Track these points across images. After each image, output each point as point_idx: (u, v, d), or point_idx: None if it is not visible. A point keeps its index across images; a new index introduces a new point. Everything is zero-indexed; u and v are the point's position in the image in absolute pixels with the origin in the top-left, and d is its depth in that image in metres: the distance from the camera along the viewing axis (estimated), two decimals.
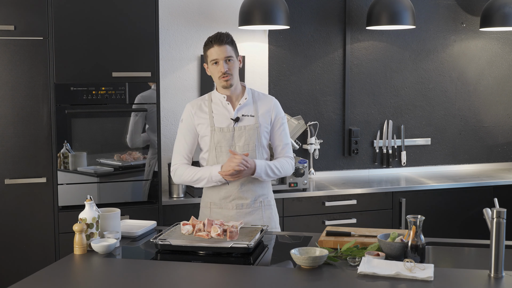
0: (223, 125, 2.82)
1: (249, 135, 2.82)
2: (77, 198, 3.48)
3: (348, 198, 4.04)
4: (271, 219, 2.91)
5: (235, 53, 2.81)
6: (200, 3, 4.22)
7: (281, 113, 2.93)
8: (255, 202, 2.86)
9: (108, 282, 2.17)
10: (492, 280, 2.08)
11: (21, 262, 3.47)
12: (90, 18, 3.46)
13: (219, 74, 2.77)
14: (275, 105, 2.92)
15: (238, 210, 2.84)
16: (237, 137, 2.82)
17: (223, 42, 2.75)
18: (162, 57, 4.11)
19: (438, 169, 4.83)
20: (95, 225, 2.46)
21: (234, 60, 2.79)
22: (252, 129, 2.83)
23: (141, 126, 3.60)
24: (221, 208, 2.86)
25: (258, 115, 2.85)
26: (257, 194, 2.86)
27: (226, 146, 2.81)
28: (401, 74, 4.72)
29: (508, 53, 4.92)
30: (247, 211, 2.85)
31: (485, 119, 4.93)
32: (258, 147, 2.84)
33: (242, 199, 2.84)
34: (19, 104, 3.41)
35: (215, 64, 2.78)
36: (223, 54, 2.74)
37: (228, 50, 2.76)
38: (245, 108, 2.85)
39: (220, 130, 2.81)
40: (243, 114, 2.84)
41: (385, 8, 4.19)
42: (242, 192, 2.83)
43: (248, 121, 2.84)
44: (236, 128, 2.82)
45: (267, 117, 2.87)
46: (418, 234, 2.23)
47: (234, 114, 2.83)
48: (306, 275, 2.16)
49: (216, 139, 2.82)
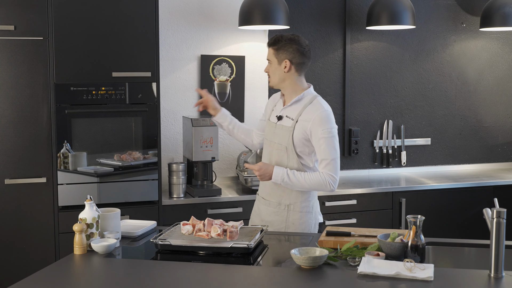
0: (272, 120, 2.98)
1: (283, 136, 2.88)
2: (77, 198, 3.48)
3: (348, 198, 4.04)
4: (295, 225, 2.89)
5: (277, 56, 2.87)
6: (200, 3, 4.22)
7: (321, 126, 2.78)
8: (280, 205, 2.91)
9: (108, 282, 2.17)
10: (492, 280, 2.08)
11: (21, 262, 3.47)
12: (90, 18, 3.46)
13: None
14: (316, 117, 2.79)
15: (267, 206, 2.96)
16: (276, 134, 2.92)
17: (268, 44, 2.91)
18: (162, 57, 4.11)
19: (438, 169, 4.83)
20: (95, 225, 2.46)
21: (272, 64, 2.89)
22: (286, 131, 2.87)
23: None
24: (259, 200, 3.04)
25: (297, 120, 2.85)
26: (283, 197, 2.91)
27: (268, 139, 2.97)
28: (401, 74, 4.72)
29: (508, 53, 4.92)
30: (273, 211, 2.94)
31: (485, 119, 4.93)
32: (289, 151, 2.85)
33: (270, 197, 2.95)
34: (19, 104, 3.41)
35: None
36: (267, 55, 2.93)
37: (269, 53, 2.91)
38: (290, 109, 2.90)
39: (269, 123, 2.99)
40: (287, 115, 2.91)
41: (385, 8, 4.19)
42: (272, 190, 2.94)
43: (287, 122, 2.89)
44: (277, 126, 2.92)
45: (305, 126, 2.81)
46: (418, 234, 2.23)
47: (279, 112, 2.95)
48: (306, 275, 2.16)
49: (266, 130, 3.01)
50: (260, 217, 2.98)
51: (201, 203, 3.77)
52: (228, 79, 4.28)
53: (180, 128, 4.21)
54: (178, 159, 4.18)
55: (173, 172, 3.79)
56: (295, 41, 2.86)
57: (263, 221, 2.93)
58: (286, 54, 2.85)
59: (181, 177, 3.80)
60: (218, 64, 4.25)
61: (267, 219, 2.93)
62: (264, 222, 2.92)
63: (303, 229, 2.90)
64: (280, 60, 2.86)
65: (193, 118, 3.83)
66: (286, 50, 2.85)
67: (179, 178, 3.79)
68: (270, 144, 2.94)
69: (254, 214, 3.07)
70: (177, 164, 3.80)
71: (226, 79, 4.27)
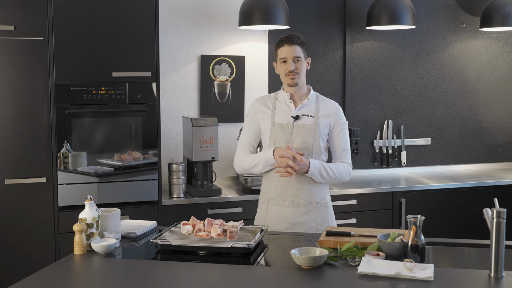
0: (283, 121, 2.92)
1: (307, 134, 2.88)
2: (77, 198, 3.48)
3: (348, 198, 4.04)
4: (325, 220, 2.95)
5: (304, 54, 2.91)
6: (200, 3, 4.22)
7: (342, 119, 2.97)
8: (311, 203, 2.91)
9: (108, 282, 2.17)
10: (492, 280, 2.08)
11: (21, 262, 3.47)
12: (90, 18, 3.46)
13: (286, 72, 2.88)
14: (337, 110, 2.97)
15: (294, 208, 2.91)
16: (295, 134, 2.89)
17: (294, 42, 2.86)
18: (162, 57, 4.11)
19: (438, 169, 4.83)
20: (95, 225, 2.46)
21: (302, 61, 2.89)
22: (310, 129, 2.89)
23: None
24: (278, 205, 2.94)
25: (318, 116, 2.91)
26: (313, 194, 2.91)
27: (284, 142, 2.89)
28: (401, 74, 4.72)
29: (508, 53, 4.92)
30: (303, 211, 2.91)
31: (485, 119, 4.93)
32: (315, 147, 2.89)
33: (298, 198, 2.90)
34: (19, 104, 3.41)
35: (283, 63, 2.89)
36: (292, 53, 2.86)
37: (298, 50, 2.87)
38: (307, 108, 2.93)
39: (280, 126, 2.92)
40: (304, 114, 2.92)
41: (385, 8, 4.19)
42: (298, 190, 2.90)
43: (307, 120, 2.91)
44: (295, 126, 2.90)
45: (327, 120, 2.93)
46: (418, 234, 2.23)
47: (295, 112, 2.92)
48: (306, 275, 2.16)
49: (275, 134, 2.92)
50: (287, 220, 2.91)
51: (201, 203, 3.77)
52: (228, 79, 4.28)
53: (180, 128, 4.21)
54: (178, 159, 4.18)
55: (173, 172, 3.79)
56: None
57: (291, 224, 2.91)
58: (307, 52, 2.96)
59: (181, 177, 3.80)
60: (218, 64, 4.25)
61: (296, 221, 2.91)
62: (292, 225, 2.90)
63: (332, 223, 2.99)
64: (305, 58, 2.93)
65: (193, 118, 3.83)
66: (306, 49, 2.94)
67: (179, 178, 3.79)
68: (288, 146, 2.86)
69: (274, 220, 2.93)
70: (177, 164, 3.80)
71: (226, 79, 4.27)
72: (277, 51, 2.93)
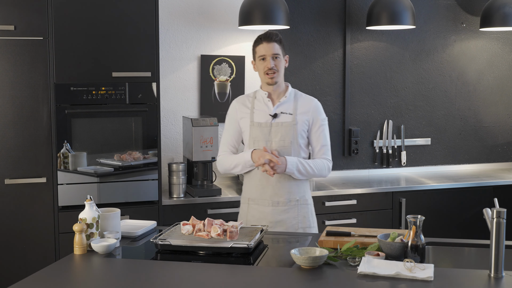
0: (261, 120, 2.93)
1: (286, 132, 2.89)
2: (77, 198, 3.48)
3: (348, 198, 4.04)
4: (306, 218, 2.95)
5: (282, 52, 2.93)
6: (200, 3, 4.22)
7: (321, 114, 2.98)
8: (291, 201, 2.91)
9: (108, 282, 2.17)
10: (492, 280, 2.08)
11: (21, 262, 3.47)
12: (90, 18, 3.46)
13: (265, 70, 2.89)
14: (315, 106, 2.98)
15: (274, 207, 2.92)
16: (274, 132, 2.90)
17: (272, 39, 2.88)
18: (162, 57, 4.11)
19: (438, 169, 4.83)
20: (95, 225, 2.46)
21: (281, 59, 2.91)
22: (288, 126, 2.90)
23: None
24: (258, 204, 2.95)
25: (296, 113, 2.92)
26: (292, 192, 2.92)
27: (263, 141, 2.90)
28: (401, 74, 4.72)
29: (508, 53, 4.92)
30: (283, 209, 2.92)
31: (485, 119, 4.93)
32: (294, 144, 2.90)
33: (277, 196, 2.91)
34: (19, 104, 3.41)
35: (262, 60, 2.90)
36: (270, 51, 2.87)
37: (276, 47, 2.89)
38: (285, 105, 2.94)
39: (259, 125, 2.92)
40: (282, 112, 2.93)
41: (385, 8, 4.19)
42: (278, 189, 2.91)
43: (285, 118, 2.91)
44: (273, 124, 2.91)
45: (305, 117, 2.94)
46: (418, 234, 2.23)
47: (273, 111, 2.92)
48: (306, 275, 2.16)
49: (254, 133, 2.93)
50: (268, 219, 2.92)
51: (201, 203, 3.77)
52: (228, 79, 4.28)
53: (180, 128, 4.21)
54: (178, 159, 4.18)
55: (173, 172, 3.79)
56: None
57: (271, 223, 2.91)
58: (285, 50, 2.98)
59: (181, 177, 3.80)
60: (218, 64, 4.25)
61: (276, 219, 2.92)
62: (273, 224, 2.91)
63: (312, 221, 2.98)
64: (283, 56, 2.95)
65: (193, 118, 3.83)
66: (284, 46, 2.96)
67: (179, 178, 3.79)
68: (267, 144, 2.91)
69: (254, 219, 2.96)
70: (177, 164, 3.80)
71: (226, 79, 4.27)
72: (255, 49, 2.93)
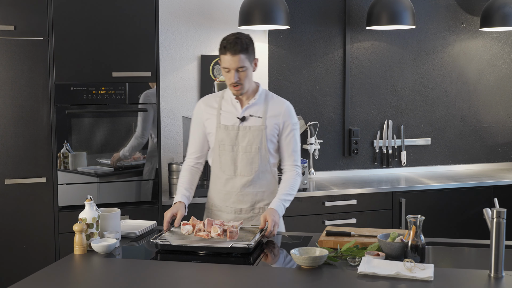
0: (228, 123, 2.75)
1: (253, 136, 2.73)
2: (77, 198, 3.48)
3: (348, 198, 4.04)
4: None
5: (249, 59, 2.68)
6: (200, 3, 4.22)
7: (292, 119, 2.79)
8: (254, 209, 2.81)
9: (108, 282, 2.17)
10: (492, 280, 2.08)
11: (21, 262, 3.47)
12: (90, 18, 3.46)
13: (229, 82, 2.69)
14: (286, 109, 2.78)
15: (237, 214, 2.80)
16: (241, 136, 2.73)
17: (237, 52, 2.62)
18: (162, 57, 4.11)
19: (438, 169, 4.83)
20: (95, 225, 2.46)
21: (247, 69, 2.67)
22: (257, 131, 2.73)
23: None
24: (220, 211, 2.84)
25: (266, 116, 2.74)
26: (256, 199, 2.80)
27: (230, 145, 2.74)
28: (401, 74, 4.72)
29: (508, 53, 4.92)
30: (246, 217, 2.80)
31: (485, 119, 4.93)
32: (261, 150, 2.74)
33: (241, 203, 2.79)
34: (19, 104, 3.41)
35: (226, 72, 2.68)
36: (235, 64, 2.63)
37: (241, 59, 2.63)
38: (254, 108, 2.76)
39: (225, 128, 2.75)
40: (251, 114, 2.75)
41: (385, 8, 4.19)
42: (242, 196, 2.79)
43: (254, 121, 2.74)
44: (241, 128, 2.73)
45: (276, 121, 2.75)
46: (418, 234, 2.23)
47: (241, 113, 2.75)
48: (306, 275, 2.16)
49: (220, 136, 2.76)
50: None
51: (201, 203, 3.77)
52: None
53: (180, 128, 4.21)
54: (178, 159, 4.18)
55: (173, 172, 3.79)
56: (251, 39, 2.73)
57: None
58: (254, 54, 2.73)
59: None
60: (218, 64, 4.25)
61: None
62: None
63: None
64: (251, 62, 2.71)
65: None
66: (253, 50, 2.72)
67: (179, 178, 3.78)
68: (233, 149, 2.75)
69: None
70: (177, 164, 3.80)
71: None
72: (220, 56, 2.69)
